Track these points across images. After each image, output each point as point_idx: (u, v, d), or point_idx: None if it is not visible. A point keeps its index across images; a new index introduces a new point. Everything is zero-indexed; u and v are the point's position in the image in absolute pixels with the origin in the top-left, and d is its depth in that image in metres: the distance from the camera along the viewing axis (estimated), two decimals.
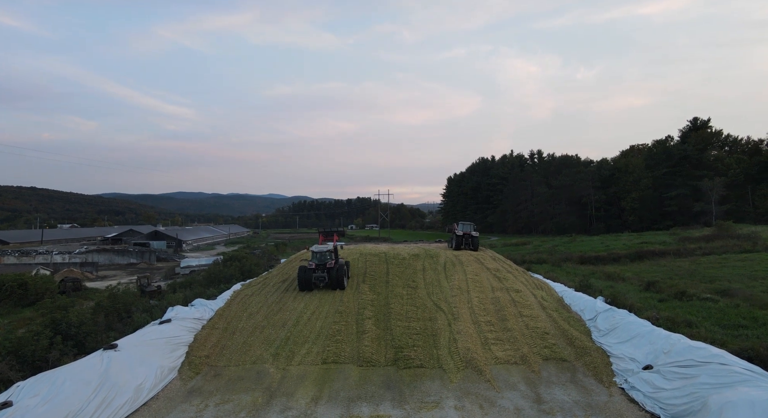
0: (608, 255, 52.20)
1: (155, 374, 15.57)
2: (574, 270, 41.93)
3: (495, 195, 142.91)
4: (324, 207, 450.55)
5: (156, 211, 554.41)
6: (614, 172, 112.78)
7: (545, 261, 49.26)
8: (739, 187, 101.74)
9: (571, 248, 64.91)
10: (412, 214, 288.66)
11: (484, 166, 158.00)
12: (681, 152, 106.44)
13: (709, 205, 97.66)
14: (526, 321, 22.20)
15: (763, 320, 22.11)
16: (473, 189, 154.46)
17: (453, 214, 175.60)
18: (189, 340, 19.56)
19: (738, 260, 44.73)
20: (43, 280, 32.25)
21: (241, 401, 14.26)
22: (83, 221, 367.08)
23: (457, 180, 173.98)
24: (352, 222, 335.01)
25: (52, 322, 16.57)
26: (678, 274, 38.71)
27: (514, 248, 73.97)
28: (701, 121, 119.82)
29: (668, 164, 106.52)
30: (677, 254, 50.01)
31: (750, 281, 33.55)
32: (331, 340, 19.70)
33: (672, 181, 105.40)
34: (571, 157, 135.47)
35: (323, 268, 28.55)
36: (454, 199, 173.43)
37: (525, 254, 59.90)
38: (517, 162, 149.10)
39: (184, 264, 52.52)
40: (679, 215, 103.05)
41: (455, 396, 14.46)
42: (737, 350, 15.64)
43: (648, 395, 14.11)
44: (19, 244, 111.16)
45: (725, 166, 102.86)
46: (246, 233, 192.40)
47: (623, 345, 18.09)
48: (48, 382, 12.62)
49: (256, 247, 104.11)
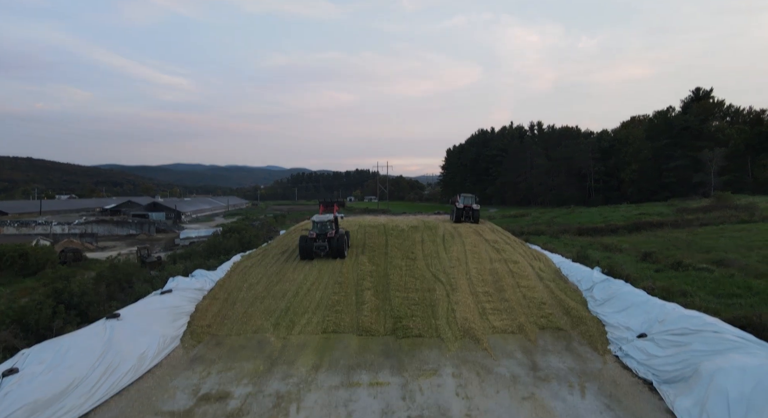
0: (606, 226, 52.46)
1: (158, 342, 15.81)
2: (571, 241, 42.18)
3: (494, 167, 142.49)
4: (322, 179, 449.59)
5: (154, 182, 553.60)
6: (614, 144, 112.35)
7: (543, 232, 49.53)
8: (739, 157, 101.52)
9: (569, 219, 65.18)
10: (411, 186, 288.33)
11: (484, 138, 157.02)
12: (682, 123, 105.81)
13: (709, 176, 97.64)
14: (523, 291, 22.45)
15: (758, 289, 22.39)
16: (472, 161, 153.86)
17: (452, 186, 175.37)
18: (190, 310, 19.79)
19: (735, 230, 44.98)
20: (44, 250, 32.41)
21: (243, 369, 14.54)
22: (81, 192, 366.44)
23: (456, 152, 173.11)
24: (351, 194, 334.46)
25: (54, 291, 16.74)
26: (675, 245, 38.98)
27: (512, 219, 74.23)
28: (703, 91, 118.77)
29: (669, 135, 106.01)
30: (675, 225, 50.26)
31: (746, 252, 33.81)
32: (331, 310, 19.95)
33: (672, 153, 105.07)
34: (571, 129, 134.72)
35: (324, 237, 29.09)
36: (453, 171, 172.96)
37: (523, 225, 60.19)
38: (516, 134, 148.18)
39: (183, 235, 52.70)
40: (678, 186, 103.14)
41: (453, 364, 14.74)
42: (730, 318, 15.87)
43: (641, 362, 14.40)
44: (18, 214, 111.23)
45: (726, 136, 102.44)
46: (245, 204, 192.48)
47: (618, 314, 18.34)
48: (53, 349, 12.84)
49: (255, 218, 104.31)
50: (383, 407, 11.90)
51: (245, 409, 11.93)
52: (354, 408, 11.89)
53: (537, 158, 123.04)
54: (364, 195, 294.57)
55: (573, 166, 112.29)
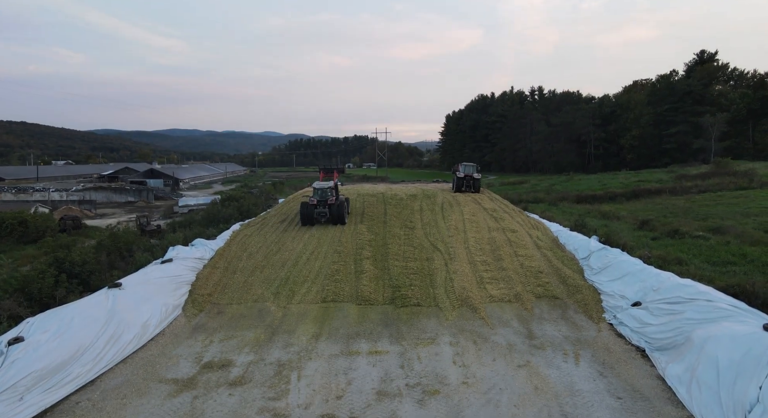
0: (605, 194, 52.66)
1: (160, 311, 16.06)
2: (570, 209, 42.33)
3: (493, 133, 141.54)
4: (321, 145, 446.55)
5: (151, 148, 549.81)
6: (615, 109, 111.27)
7: (542, 200, 49.65)
8: (740, 123, 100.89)
9: (568, 186, 65.30)
10: (410, 152, 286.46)
11: (483, 104, 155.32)
12: (685, 87, 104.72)
13: (709, 142, 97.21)
14: (521, 260, 22.67)
15: (752, 257, 22.66)
16: (472, 127, 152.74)
17: (451, 153, 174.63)
18: (191, 279, 20.00)
19: (733, 197, 45.21)
20: (43, 218, 32.46)
21: (245, 338, 14.82)
22: (78, 158, 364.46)
23: (456, 118, 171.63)
24: (350, 161, 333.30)
25: (55, 260, 16.87)
26: (672, 212, 39.21)
27: (511, 187, 74.35)
28: (708, 54, 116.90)
29: (671, 100, 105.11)
30: (673, 192, 50.44)
31: (743, 218, 34.06)
32: (330, 279, 20.17)
33: (673, 118, 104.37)
34: (572, 94, 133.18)
35: (324, 204, 29.65)
36: (452, 137, 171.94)
37: (522, 193, 60.23)
38: (516, 99, 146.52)
39: (182, 203, 52.73)
40: (678, 152, 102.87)
41: (450, 333, 15.02)
42: (723, 286, 16.10)
43: (635, 330, 14.68)
44: (15, 180, 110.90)
45: (728, 101, 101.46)
46: (243, 171, 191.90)
47: (614, 283, 18.60)
48: (57, 318, 13.03)
49: (253, 186, 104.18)
50: (382, 375, 12.20)
51: (247, 377, 12.23)
52: (354, 376, 12.18)
53: (537, 124, 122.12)
54: (363, 162, 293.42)
55: (573, 132, 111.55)
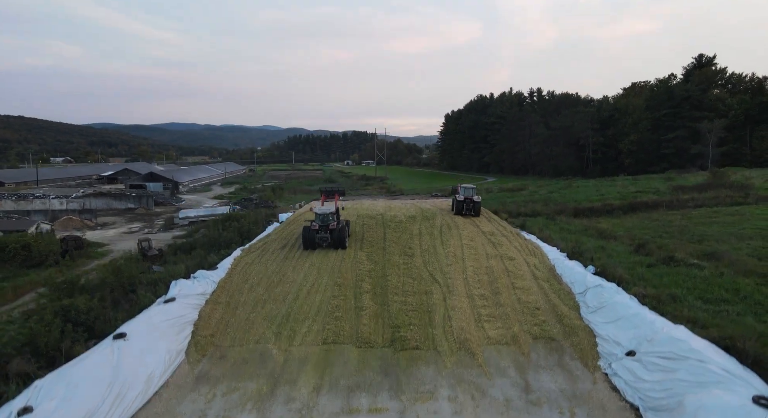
0: (602, 206, 52.96)
1: (164, 360, 16.37)
2: (568, 226, 42.63)
3: (492, 134, 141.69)
4: (319, 142, 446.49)
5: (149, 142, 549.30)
6: (614, 113, 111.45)
7: (540, 213, 49.91)
8: (738, 128, 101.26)
9: (566, 195, 65.53)
10: (408, 150, 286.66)
11: (482, 104, 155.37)
12: (683, 93, 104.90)
13: (707, 147, 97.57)
14: (518, 294, 23.04)
15: (745, 292, 23.07)
16: (471, 128, 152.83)
17: (450, 152, 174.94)
18: (194, 317, 20.31)
19: (728, 214, 45.53)
20: (46, 241, 32.71)
21: (247, 391, 15.14)
22: (76, 155, 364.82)
23: (455, 118, 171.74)
24: (349, 157, 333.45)
25: (62, 309, 17.18)
26: (668, 231, 39.54)
27: (510, 194, 74.56)
28: (706, 58, 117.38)
29: (669, 105, 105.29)
30: (669, 206, 50.79)
31: (737, 242, 34.39)
32: (331, 317, 20.53)
33: (672, 123, 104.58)
34: (571, 96, 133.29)
35: (326, 229, 30.48)
36: (451, 137, 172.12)
37: (520, 202, 60.48)
38: (515, 100, 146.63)
39: (182, 215, 52.98)
40: (676, 157, 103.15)
41: (449, 384, 15.36)
42: (716, 338, 16.41)
43: (629, 384, 15.05)
44: (15, 185, 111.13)
45: (726, 106, 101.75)
46: (242, 170, 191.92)
47: (609, 325, 18.97)
48: (64, 381, 13.33)
49: (252, 189, 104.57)
50: None
51: None
52: None
53: (536, 127, 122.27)
54: (362, 159, 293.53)
55: (572, 136, 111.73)
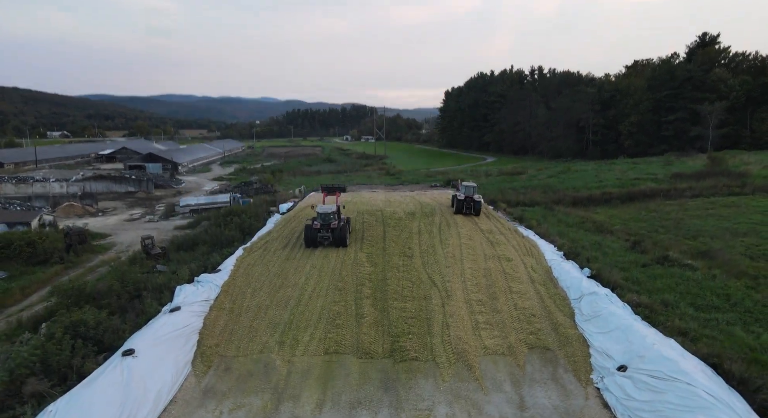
0: (601, 195, 53.40)
1: (171, 374, 16.97)
2: (565, 218, 43.09)
3: (492, 113, 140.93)
4: (318, 116, 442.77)
5: (146, 116, 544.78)
6: (615, 94, 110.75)
7: (538, 203, 50.36)
8: (738, 110, 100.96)
9: (564, 181, 65.85)
10: (408, 126, 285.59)
11: (483, 82, 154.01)
12: (685, 73, 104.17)
13: (707, 129, 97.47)
14: (515, 299, 23.62)
15: (735, 299, 23.75)
16: (471, 106, 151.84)
17: (450, 130, 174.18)
18: (199, 326, 20.86)
19: (724, 205, 46.00)
20: (51, 238, 33.16)
21: (253, 407, 15.75)
22: (73, 128, 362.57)
23: (455, 95, 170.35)
24: (348, 133, 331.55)
25: (71, 325, 17.72)
26: (664, 225, 40.05)
27: (508, 178, 74.87)
28: (710, 36, 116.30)
29: (670, 86, 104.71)
30: (667, 196, 51.24)
31: (731, 239, 34.96)
32: (332, 324, 21.10)
33: (672, 104, 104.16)
34: (573, 75, 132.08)
35: (327, 228, 31.07)
36: (451, 115, 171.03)
37: (519, 189, 60.90)
38: (516, 78, 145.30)
39: (183, 203, 53.29)
40: (676, 139, 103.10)
41: (446, 400, 15.99)
42: (705, 355, 17.05)
43: (620, 401, 15.67)
44: (14, 165, 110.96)
45: (728, 87, 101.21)
46: (240, 148, 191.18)
47: (603, 336, 19.57)
48: (77, 405, 13.90)
49: (252, 170, 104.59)
50: None
51: None
52: None
53: (536, 107, 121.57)
54: (361, 135, 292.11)
55: (572, 117, 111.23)
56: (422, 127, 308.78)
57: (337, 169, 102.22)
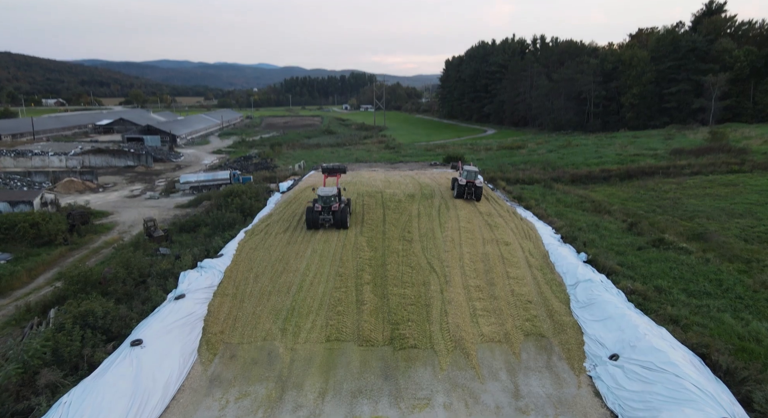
0: (600, 172, 53.49)
1: (179, 363, 17.58)
2: (564, 198, 43.37)
3: (493, 84, 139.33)
4: (317, 84, 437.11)
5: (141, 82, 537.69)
6: (618, 65, 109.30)
7: (537, 180, 50.54)
8: (742, 81, 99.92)
9: (564, 157, 65.82)
10: (408, 94, 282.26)
11: (483, 51, 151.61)
12: (689, 44, 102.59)
13: (709, 101, 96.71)
14: (512, 285, 24.14)
15: (726, 284, 24.30)
16: (471, 76, 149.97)
17: (450, 101, 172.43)
18: (203, 313, 21.42)
19: (722, 184, 46.24)
20: (54, 220, 33.44)
21: (258, 396, 16.38)
22: (67, 95, 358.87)
23: (455, 64, 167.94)
24: (347, 102, 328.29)
25: (80, 315, 18.23)
26: (661, 205, 40.36)
27: (508, 153, 74.73)
28: (717, 4, 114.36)
29: (674, 57, 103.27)
30: (666, 174, 51.37)
31: (727, 220, 35.36)
32: (333, 311, 21.64)
33: (675, 76, 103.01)
34: (575, 44, 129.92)
35: (328, 210, 31.52)
36: (451, 85, 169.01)
37: (518, 165, 60.96)
38: (518, 48, 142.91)
39: (183, 180, 53.36)
40: (678, 111, 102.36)
41: (444, 389, 16.61)
42: (694, 345, 17.63)
43: (611, 390, 16.32)
44: (11, 137, 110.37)
45: (732, 58, 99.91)
46: (239, 118, 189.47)
47: (596, 324, 20.13)
48: (90, 397, 14.46)
49: (251, 142, 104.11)
50: None
51: None
52: None
53: (537, 78, 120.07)
54: (360, 104, 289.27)
55: (574, 89, 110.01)
56: (422, 96, 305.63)
57: (336, 141, 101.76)
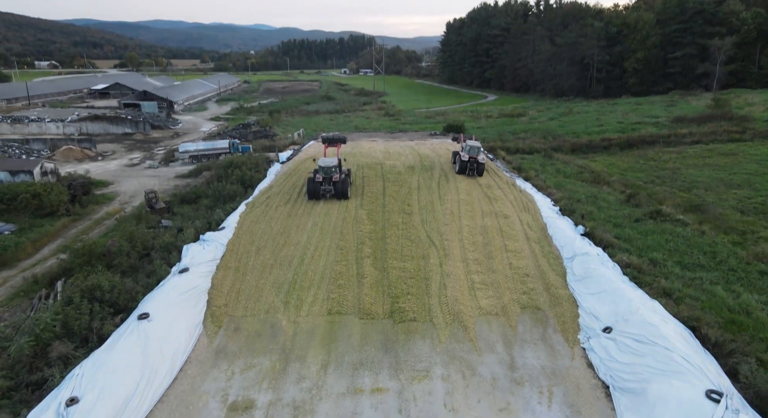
0: (600, 141, 53.37)
1: (185, 336, 18.11)
2: (564, 168, 43.42)
3: (495, 48, 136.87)
4: (315, 46, 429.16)
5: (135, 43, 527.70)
6: (622, 29, 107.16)
7: (537, 150, 50.46)
8: (748, 45, 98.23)
9: (565, 125, 65.47)
10: (408, 58, 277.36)
11: (486, 14, 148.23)
12: (697, 5, 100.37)
13: (714, 66, 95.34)
14: (510, 258, 24.57)
15: (720, 257, 24.77)
16: (473, 40, 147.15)
17: (451, 65, 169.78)
18: (207, 286, 21.86)
19: (722, 153, 46.28)
20: (56, 191, 33.67)
21: (263, 368, 16.96)
22: (60, 57, 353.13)
23: (457, 27, 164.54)
24: (346, 66, 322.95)
25: (88, 289, 18.71)
26: (660, 176, 40.49)
27: (509, 120, 74.22)
28: None
29: (680, 20, 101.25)
30: (667, 143, 51.26)
31: (725, 191, 35.60)
32: (334, 284, 22.09)
33: (681, 39, 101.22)
34: (580, 6, 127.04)
35: (329, 181, 31.80)
36: (452, 49, 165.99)
37: (519, 133, 60.74)
38: (521, 11, 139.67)
39: (182, 149, 53.23)
40: (681, 76, 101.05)
41: (442, 361, 17.19)
42: (685, 318, 18.15)
43: (603, 362, 16.90)
44: (6, 103, 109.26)
45: (739, 21, 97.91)
46: (236, 83, 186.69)
47: (592, 297, 20.63)
48: (102, 369, 15.00)
49: (249, 109, 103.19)
50: None
51: None
52: None
53: (540, 42, 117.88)
54: (360, 68, 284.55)
55: (577, 53, 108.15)
56: (422, 60, 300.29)
57: (335, 108, 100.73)
